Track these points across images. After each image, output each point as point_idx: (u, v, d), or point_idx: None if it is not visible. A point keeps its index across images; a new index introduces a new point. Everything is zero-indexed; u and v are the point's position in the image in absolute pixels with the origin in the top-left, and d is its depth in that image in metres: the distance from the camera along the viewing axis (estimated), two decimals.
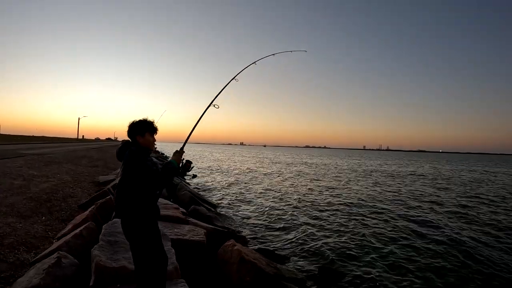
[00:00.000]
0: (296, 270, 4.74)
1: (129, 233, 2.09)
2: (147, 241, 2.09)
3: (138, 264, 2.13)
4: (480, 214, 9.39)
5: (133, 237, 2.09)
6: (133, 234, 2.08)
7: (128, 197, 2.06)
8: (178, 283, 2.74)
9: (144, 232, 2.08)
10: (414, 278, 4.65)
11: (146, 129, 2.19)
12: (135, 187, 2.05)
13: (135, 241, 2.09)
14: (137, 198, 2.05)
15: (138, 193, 2.05)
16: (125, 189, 2.07)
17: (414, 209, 10.07)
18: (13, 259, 3.21)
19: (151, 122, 2.23)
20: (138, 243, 2.09)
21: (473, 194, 13.98)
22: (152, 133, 2.22)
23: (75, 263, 2.96)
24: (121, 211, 2.08)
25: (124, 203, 2.06)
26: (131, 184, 2.05)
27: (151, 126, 2.22)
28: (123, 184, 2.09)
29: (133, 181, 2.04)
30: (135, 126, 2.18)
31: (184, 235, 3.99)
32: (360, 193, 13.41)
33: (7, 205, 4.96)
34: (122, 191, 2.08)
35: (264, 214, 8.71)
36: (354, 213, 9.03)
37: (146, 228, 2.09)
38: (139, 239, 2.08)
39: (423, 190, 14.83)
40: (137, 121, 2.21)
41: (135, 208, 2.05)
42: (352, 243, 6.17)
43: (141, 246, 2.09)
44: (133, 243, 2.11)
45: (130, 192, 2.06)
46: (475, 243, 6.34)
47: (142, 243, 2.08)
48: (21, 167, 9.37)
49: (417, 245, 6.15)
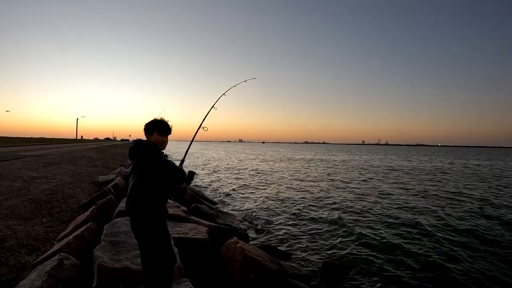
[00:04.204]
0: (299, 266, 4.74)
1: (140, 232, 2.07)
2: (158, 241, 2.08)
3: (146, 264, 2.11)
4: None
5: (144, 237, 2.07)
6: (144, 234, 2.06)
7: (144, 195, 2.03)
8: (182, 282, 2.72)
9: (155, 232, 2.06)
10: (418, 274, 4.60)
11: (154, 128, 2.22)
12: (154, 184, 2.04)
13: (146, 241, 2.07)
14: (152, 197, 2.04)
15: (155, 191, 2.05)
16: (142, 187, 2.04)
17: (422, 204, 10.00)
18: (14, 261, 3.17)
19: (160, 121, 2.25)
20: (149, 243, 2.07)
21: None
22: (160, 132, 2.22)
23: (77, 264, 2.93)
24: (133, 210, 2.04)
25: (138, 201, 2.03)
26: (150, 180, 2.03)
27: (159, 125, 2.23)
28: (140, 182, 2.04)
29: (154, 176, 2.04)
30: (147, 125, 2.25)
31: (187, 234, 3.97)
32: (363, 188, 13.43)
33: (7, 207, 4.92)
34: (138, 189, 2.04)
35: (266, 210, 8.70)
36: (357, 208, 9.01)
37: (158, 228, 2.08)
38: (150, 239, 2.06)
39: (424, 187, 14.82)
40: (149, 121, 2.26)
41: (149, 207, 2.03)
42: (356, 238, 6.15)
43: (152, 246, 2.07)
44: (144, 243, 2.09)
45: (147, 190, 2.03)
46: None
47: (153, 243, 2.07)
48: (20, 169, 9.32)
49: (423, 241, 6.03)
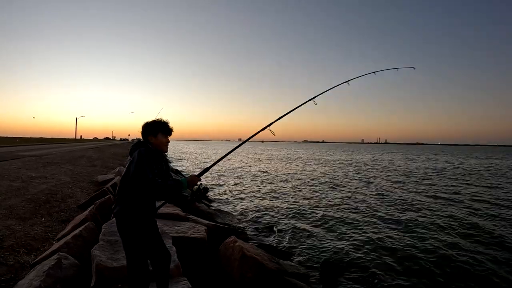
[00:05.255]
0: (298, 265, 4.75)
1: (121, 230, 2.06)
2: (142, 239, 2.06)
3: (131, 262, 2.10)
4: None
5: (125, 235, 2.06)
6: (125, 231, 2.05)
7: (126, 194, 2.04)
8: (180, 281, 2.73)
9: (137, 230, 2.04)
10: (418, 273, 4.58)
11: (159, 129, 2.17)
12: (133, 187, 2.02)
13: (127, 238, 2.06)
14: (133, 196, 2.03)
15: (135, 193, 2.03)
16: (124, 185, 2.06)
17: (425, 204, 9.98)
18: (13, 261, 3.18)
19: (164, 123, 2.21)
20: (130, 241, 2.06)
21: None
22: (165, 134, 2.20)
23: (76, 264, 2.94)
24: (116, 207, 2.06)
25: (121, 199, 2.05)
26: (130, 182, 2.04)
27: (164, 127, 2.19)
28: (124, 181, 2.07)
29: (133, 181, 2.01)
30: (148, 126, 2.18)
31: (185, 233, 3.98)
32: (364, 187, 13.43)
33: (6, 207, 4.92)
34: (122, 188, 2.07)
35: (265, 209, 8.69)
36: (357, 208, 9.00)
37: (140, 225, 2.05)
38: (132, 236, 2.05)
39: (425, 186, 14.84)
40: (150, 122, 2.20)
41: (130, 205, 2.02)
42: (355, 238, 6.17)
43: (135, 244, 2.06)
44: (125, 241, 2.08)
45: (129, 189, 2.04)
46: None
47: (135, 241, 2.06)
48: (19, 169, 9.32)
49: (424, 241, 5.94)
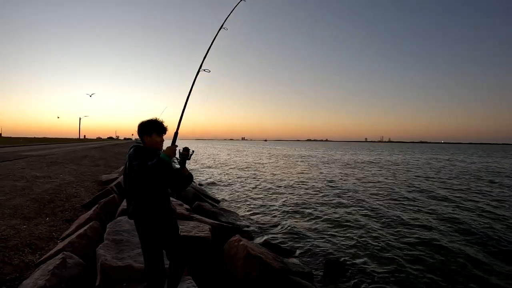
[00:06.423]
0: (302, 263, 4.73)
1: (140, 230, 2.11)
2: (160, 238, 2.12)
3: (149, 262, 2.14)
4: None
5: (144, 235, 2.10)
6: (144, 231, 2.09)
7: (134, 194, 2.08)
8: (185, 280, 2.72)
9: (156, 229, 2.09)
10: (420, 272, 4.55)
11: (153, 129, 2.18)
12: (137, 186, 2.07)
13: (146, 238, 2.10)
14: (142, 195, 2.08)
15: (141, 191, 2.08)
16: (128, 186, 2.11)
17: (427, 204, 9.91)
18: (18, 261, 3.18)
19: (158, 122, 2.21)
20: (149, 241, 2.10)
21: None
22: (159, 133, 2.21)
23: (81, 263, 2.94)
24: (129, 208, 2.11)
25: (132, 200, 2.09)
26: (132, 182, 2.08)
27: (158, 126, 2.20)
28: (126, 182, 2.12)
29: (134, 180, 2.05)
30: (143, 126, 2.19)
31: (189, 232, 3.97)
32: (368, 187, 13.36)
33: (10, 207, 4.94)
34: (127, 188, 2.13)
35: (269, 208, 8.68)
36: (361, 207, 8.96)
37: (159, 224, 2.11)
38: (147, 237, 2.09)
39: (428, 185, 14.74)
40: (145, 122, 2.21)
41: (142, 204, 2.06)
42: (359, 237, 6.13)
43: (149, 244, 2.11)
44: (144, 241, 2.12)
45: (134, 189, 2.08)
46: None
47: (154, 240, 2.10)
48: (23, 168, 9.37)
49: (426, 241, 5.88)
